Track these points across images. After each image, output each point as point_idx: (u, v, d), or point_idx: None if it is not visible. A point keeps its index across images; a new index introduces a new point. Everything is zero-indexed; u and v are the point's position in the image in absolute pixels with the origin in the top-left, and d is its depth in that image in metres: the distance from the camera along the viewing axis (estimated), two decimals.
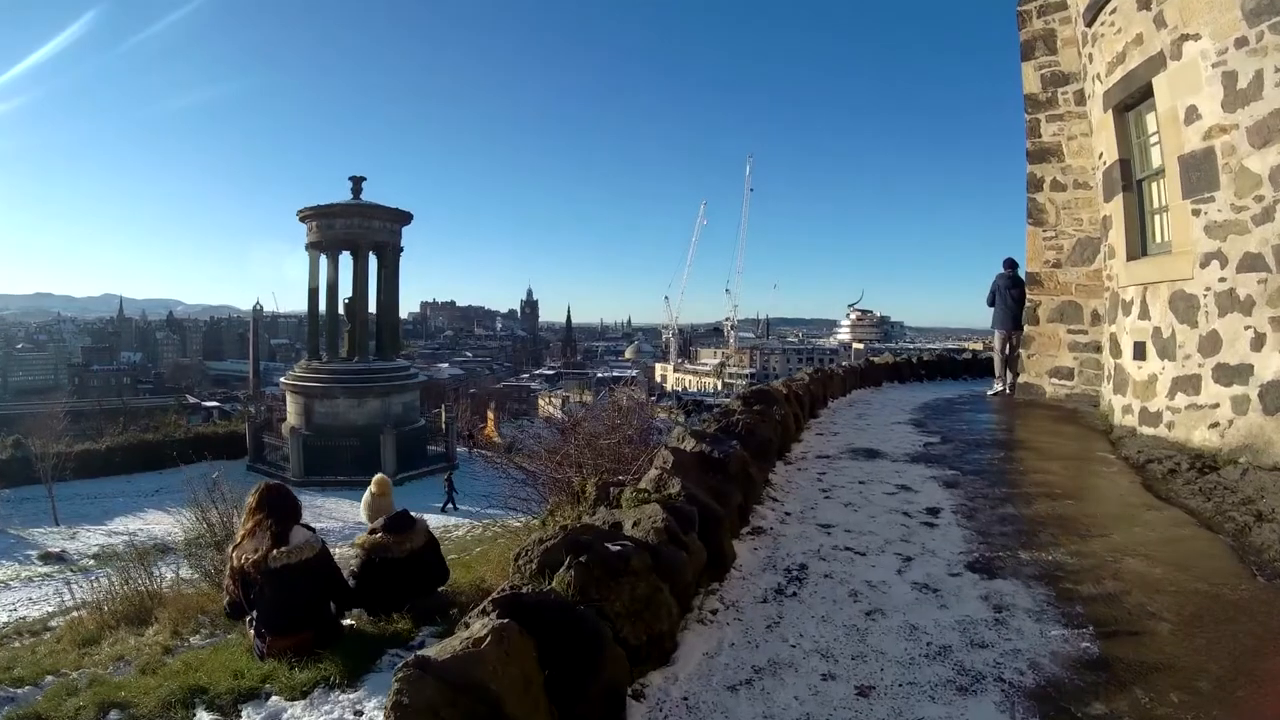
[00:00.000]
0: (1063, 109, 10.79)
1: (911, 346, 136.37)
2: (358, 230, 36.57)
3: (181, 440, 35.91)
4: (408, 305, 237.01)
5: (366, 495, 5.83)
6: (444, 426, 37.86)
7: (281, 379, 39.23)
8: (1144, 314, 7.34)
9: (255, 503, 4.58)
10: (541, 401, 75.77)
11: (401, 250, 39.04)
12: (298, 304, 37.46)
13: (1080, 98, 10.50)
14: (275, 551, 4.25)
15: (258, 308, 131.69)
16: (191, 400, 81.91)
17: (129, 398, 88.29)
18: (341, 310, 38.08)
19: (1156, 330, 7.06)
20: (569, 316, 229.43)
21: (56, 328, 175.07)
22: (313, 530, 4.65)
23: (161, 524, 25.49)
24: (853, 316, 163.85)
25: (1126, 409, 7.60)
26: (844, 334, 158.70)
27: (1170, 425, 6.70)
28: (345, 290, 37.38)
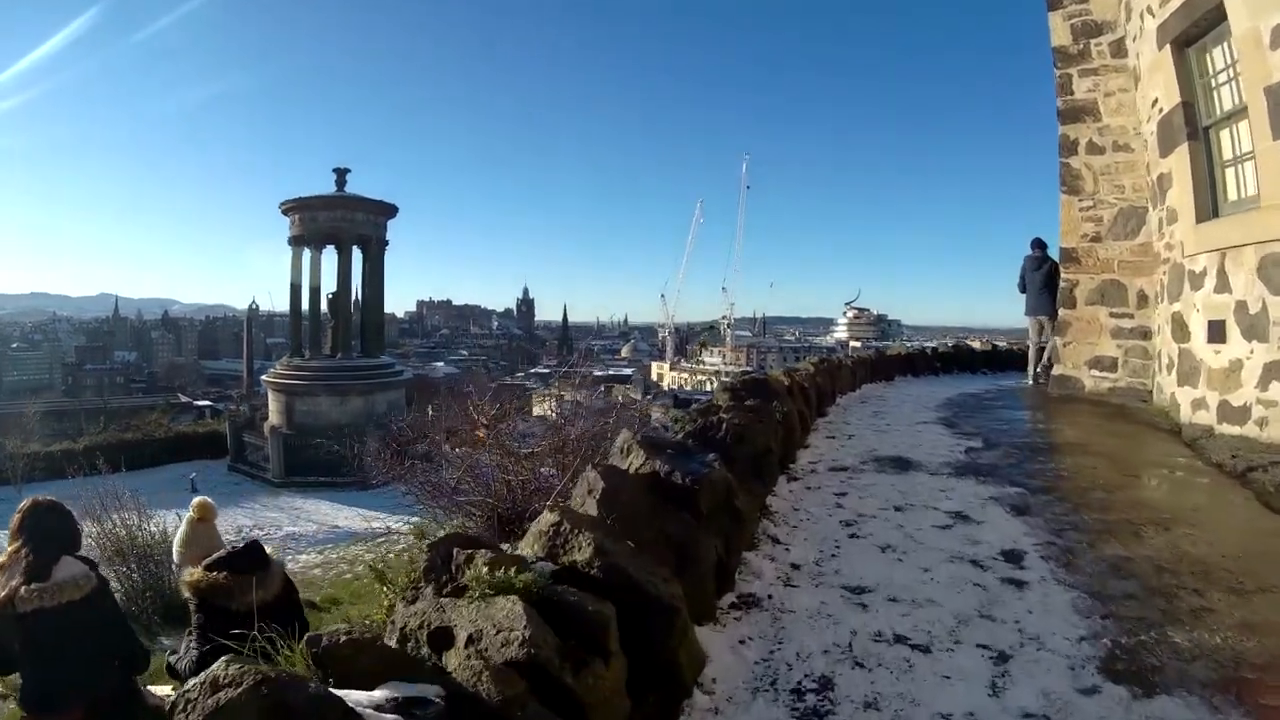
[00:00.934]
0: (1097, 62, 9.41)
1: (909, 345, 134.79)
2: (340, 223, 35.38)
3: (162, 440, 35.02)
4: (404, 304, 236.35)
5: (184, 525, 4.42)
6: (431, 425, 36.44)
7: (264, 377, 37.91)
8: (1222, 286, 5.99)
9: (16, 524, 3.24)
10: (536, 405, 74.11)
11: (386, 244, 37.76)
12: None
13: (1117, 48, 9.15)
14: (24, 590, 2.93)
15: (253, 306, 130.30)
16: (183, 399, 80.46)
17: (115, 397, 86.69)
18: (325, 306, 36.83)
19: (1240, 305, 5.71)
20: (565, 315, 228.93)
21: (52, 327, 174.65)
22: (91, 564, 3.32)
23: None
24: (849, 314, 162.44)
25: (1198, 403, 6.26)
26: (841, 332, 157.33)
27: (1263, 422, 5.37)
28: (329, 285, 36.19)
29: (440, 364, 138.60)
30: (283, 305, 37.15)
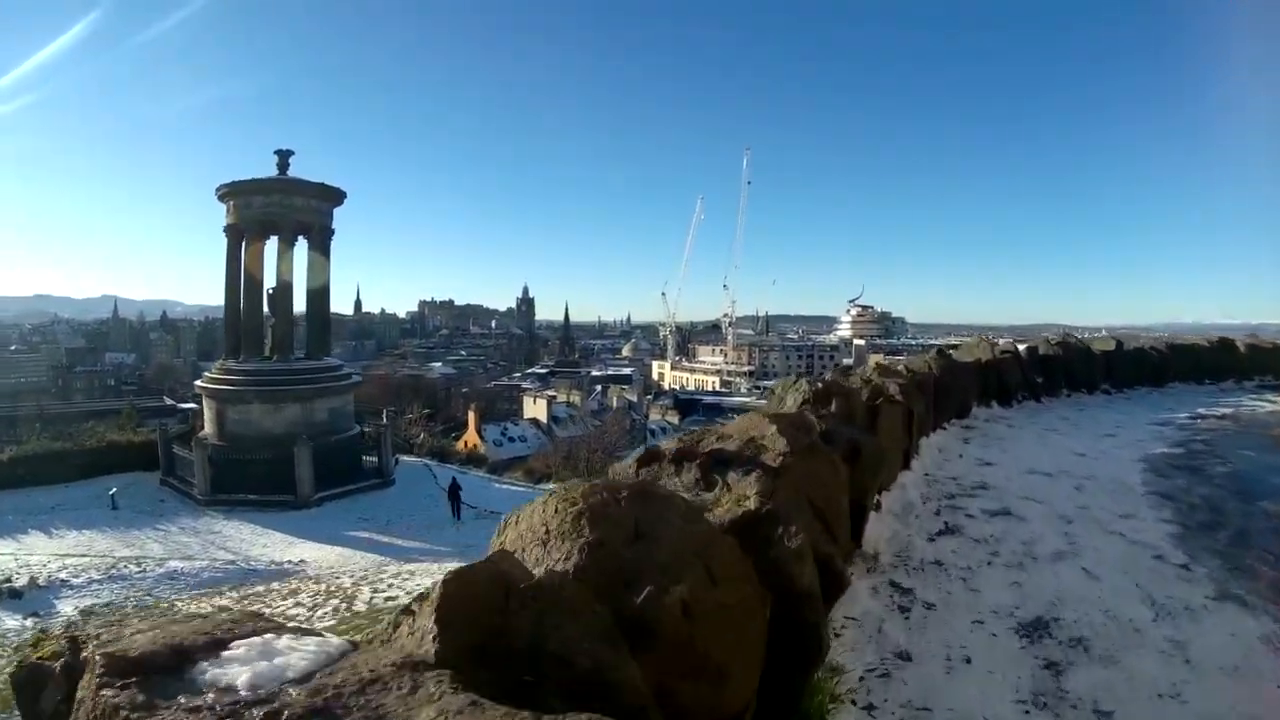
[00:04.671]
0: None
1: (914, 343, 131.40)
2: (277, 210, 31.69)
3: (93, 450, 31.72)
4: (406, 304, 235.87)
5: None
6: (376, 436, 31.90)
7: (197, 382, 33.84)
8: None
9: None
10: (531, 403, 69.69)
11: (332, 233, 33.86)
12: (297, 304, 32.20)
13: None
14: None
15: None
16: (169, 401, 77.01)
17: (94, 400, 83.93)
18: (266, 303, 32.51)
19: None
20: (566, 314, 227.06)
21: (51, 329, 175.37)
22: None
23: (33, 551, 21.31)
24: (853, 312, 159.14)
25: None
26: (844, 330, 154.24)
27: None
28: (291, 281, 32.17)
29: (438, 364, 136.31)
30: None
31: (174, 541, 23.95)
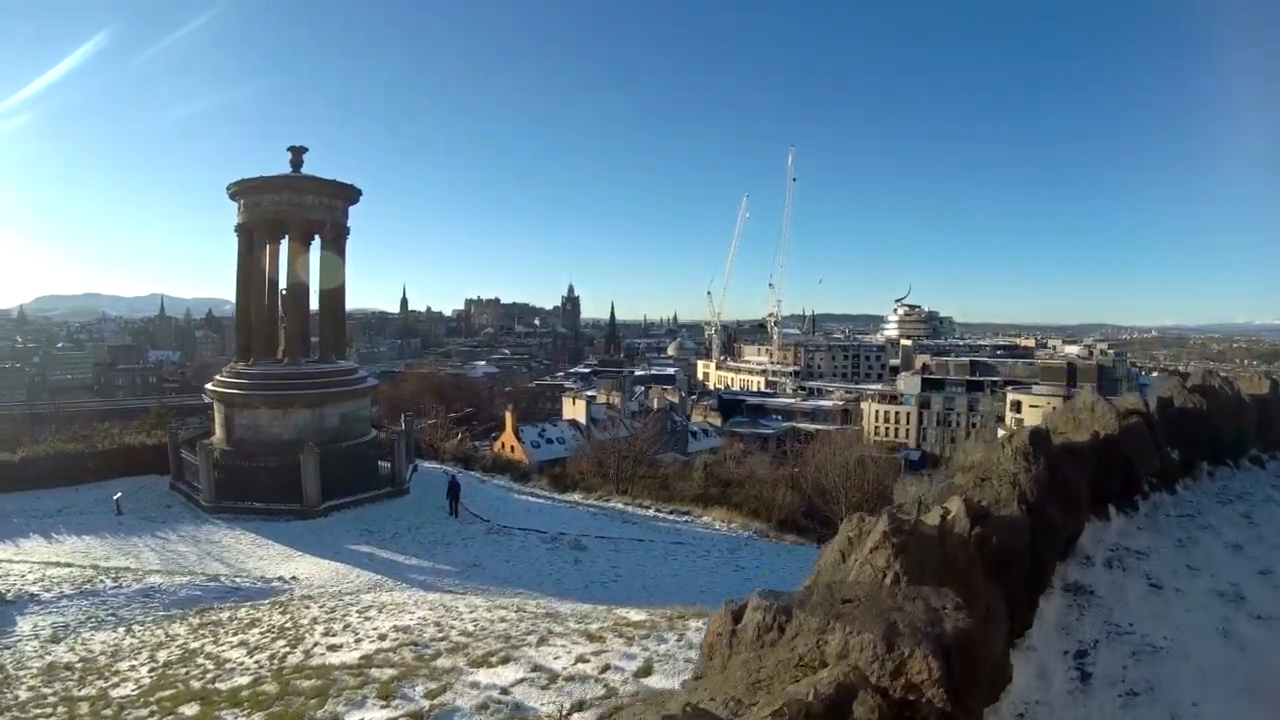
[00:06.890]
0: None
1: (961, 343, 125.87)
2: (287, 208, 30.18)
3: (106, 453, 30.80)
4: (452, 303, 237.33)
5: None
6: (391, 442, 30.11)
7: (208, 385, 32.59)
8: None
9: None
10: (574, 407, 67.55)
11: (347, 231, 32.11)
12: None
13: None
14: None
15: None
16: (206, 400, 77.56)
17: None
18: (281, 304, 31.17)
19: None
20: (612, 313, 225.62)
21: (97, 327, 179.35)
22: None
23: (28, 557, 20.20)
24: (900, 312, 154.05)
25: None
26: (891, 330, 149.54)
27: None
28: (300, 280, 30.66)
29: (481, 363, 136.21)
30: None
31: (170, 551, 22.51)
